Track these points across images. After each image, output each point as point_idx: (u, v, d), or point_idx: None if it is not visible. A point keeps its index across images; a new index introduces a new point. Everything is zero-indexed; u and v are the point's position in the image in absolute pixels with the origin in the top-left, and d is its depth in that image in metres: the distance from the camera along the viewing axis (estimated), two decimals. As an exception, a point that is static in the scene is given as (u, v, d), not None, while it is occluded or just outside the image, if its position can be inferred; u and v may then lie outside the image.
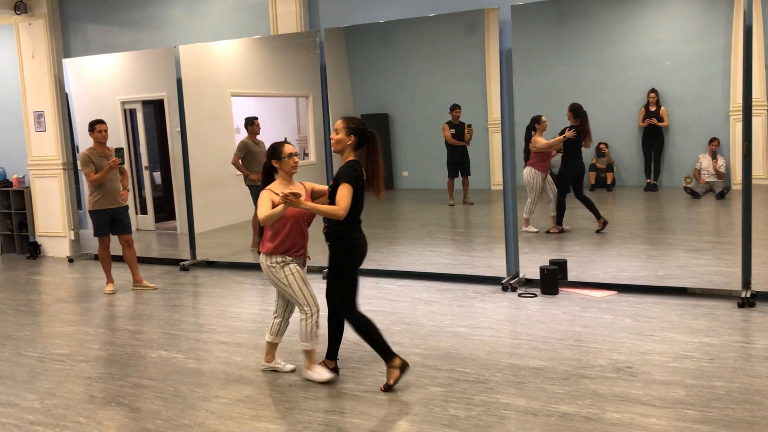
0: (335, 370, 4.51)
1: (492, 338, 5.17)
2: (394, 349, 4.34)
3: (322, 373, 4.43)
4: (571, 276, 6.47)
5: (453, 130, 7.28)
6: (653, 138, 6.70)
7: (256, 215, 7.87)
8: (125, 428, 3.95)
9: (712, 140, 6.39)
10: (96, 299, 7.04)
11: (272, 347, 4.67)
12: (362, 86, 7.77)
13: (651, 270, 6.38)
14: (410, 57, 7.46)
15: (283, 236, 4.37)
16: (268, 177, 4.49)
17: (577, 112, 6.60)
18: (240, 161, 7.85)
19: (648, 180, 6.81)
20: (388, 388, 4.23)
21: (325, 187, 4.51)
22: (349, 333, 5.42)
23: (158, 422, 3.99)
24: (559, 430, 3.65)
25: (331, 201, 4.19)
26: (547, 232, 6.98)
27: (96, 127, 7.06)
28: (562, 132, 6.68)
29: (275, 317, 4.64)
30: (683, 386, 4.13)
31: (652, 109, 6.58)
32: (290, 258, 4.40)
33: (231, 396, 4.34)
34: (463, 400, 4.07)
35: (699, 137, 6.50)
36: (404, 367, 4.25)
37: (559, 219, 6.97)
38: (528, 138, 6.80)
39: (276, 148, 4.44)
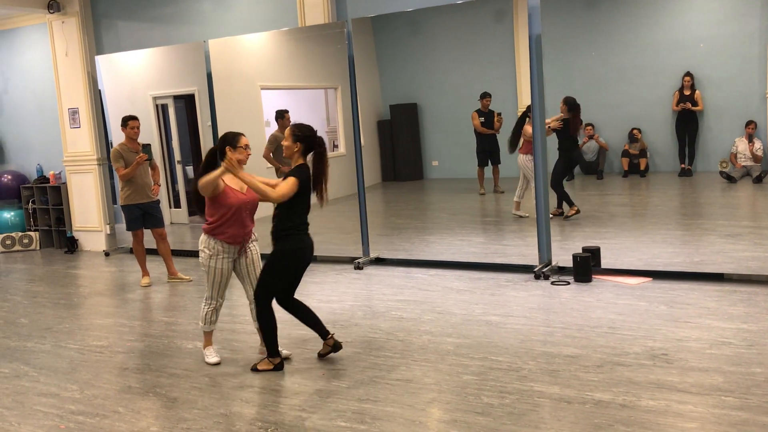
0: (337, 345, 4.67)
1: (525, 326, 5.14)
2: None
3: (211, 356, 4.80)
4: (605, 263, 6.40)
5: (482, 119, 7.23)
6: (687, 122, 6.59)
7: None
8: (162, 418, 4.02)
9: (749, 123, 6.27)
10: (132, 292, 7.16)
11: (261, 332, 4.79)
12: (390, 76, 7.75)
13: (686, 256, 6.29)
14: (438, 45, 7.42)
15: (223, 221, 4.54)
16: (213, 163, 4.59)
17: (571, 105, 6.66)
18: (271, 154, 7.91)
19: (682, 165, 6.70)
20: (253, 370, 4.56)
21: (275, 181, 4.62)
22: (381, 322, 5.45)
23: (195, 411, 4.05)
24: (594, 417, 3.63)
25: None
26: (566, 217, 6.90)
27: (129, 123, 7.17)
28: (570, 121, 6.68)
29: (251, 304, 4.79)
30: (721, 373, 4.07)
31: (687, 92, 6.46)
32: (222, 247, 4.57)
33: (266, 386, 4.38)
34: (496, 389, 4.06)
35: (735, 120, 6.37)
36: (280, 367, 4.55)
37: (568, 202, 6.91)
38: (521, 125, 6.78)
39: (233, 137, 4.59)
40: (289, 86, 8.57)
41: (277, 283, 4.53)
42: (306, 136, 4.45)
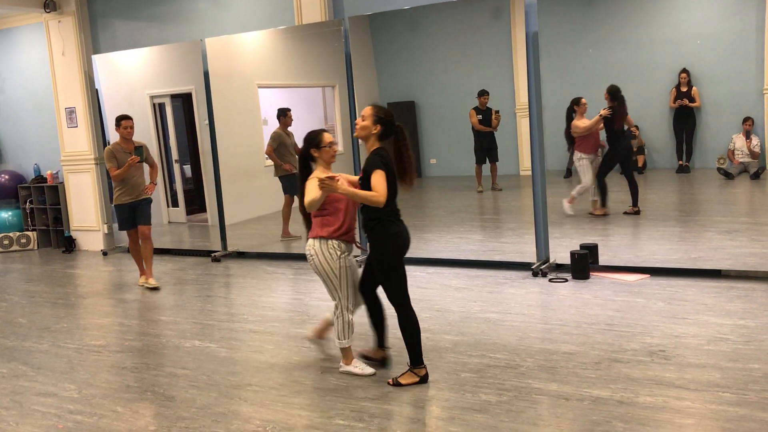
0: (384, 360, 4.41)
1: (523, 324, 5.15)
2: (421, 336, 4.33)
3: (363, 368, 4.37)
4: (603, 260, 6.40)
5: (480, 116, 7.23)
6: (685, 119, 6.59)
7: (285, 205, 8.00)
8: (161, 417, 4.02)
9: (746, 119, 6.27)
10: (130, 291, 7.16)
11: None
12: (388, 74, 7.75)
13: (684, 253, 6.29)
14: (435, 43, 7.42)
15: (341, 219, 4.23)
16: (305, 166, 4.34)
17: (614, 94, 6.48)
18: (274, 152, 7.91)
19: (680, 162, 6.70)
20: (395, 384, 4.18)
21: (354, 177, 4.39)
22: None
23: (193, 410, 4.05)
24: (592, 414, 3.63)
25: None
26: (590, 213, 6.88)
27: (122, 123, 7.05)
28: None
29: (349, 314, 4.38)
30: (718, 369, 4.07)
31: (684, 89, 6.46)
32: (345, 246, 4.26)
33: (264, 384, 4.38)
34: (494, 386, 4.07)
35: (732, 117, 6.37)
36: (424, 379, 4.19)
37: (602, 201, 6.84)
38: (569, 120, 6.72)
39: (315, 137, 4.31)
40: (286, 84, 8.56)
41: (399, 274, 4.13)
42: (388, 120, 4.14)
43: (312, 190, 4.13)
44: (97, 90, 9.26)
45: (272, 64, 8.43)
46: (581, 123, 6.69)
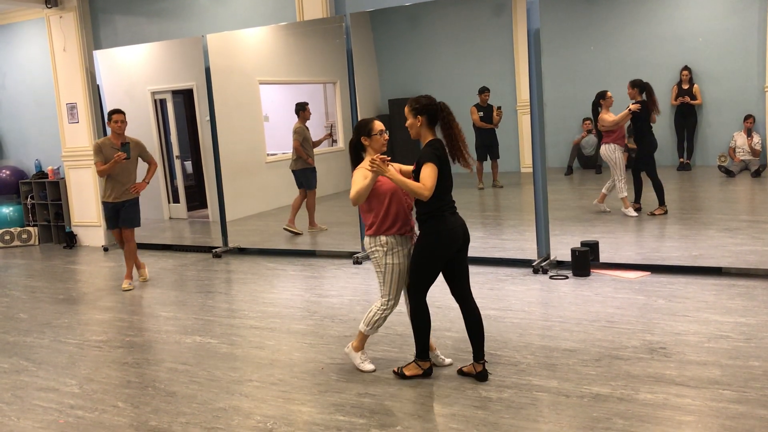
0: (481, 375, 4.13)
1: (523, 320, 5.15)
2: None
3: (364, 363, 4.38)
4: (603, 257, 6.40)
5: (481, 113, 7.23)
6: (686, 116, 6.58)
7: (299, 197, 7.97)
8: (162, 412, 4.03)
9: (747, 117, 6.26)
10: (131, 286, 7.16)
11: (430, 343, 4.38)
12: (389, 70, 7.74)
13: (685, 250, 6.29)
14: (437, 40, 7.41)
15: (383, 214, 4.13)
16: (357, 155, 4.25)
17: (641, 87, 6.40)
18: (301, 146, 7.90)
19: (681, 159, 6.70)
20: (400, 375, 4.21)
21: (406, 168, 4.29)
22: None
23: (194, 406, 4.06)
24: (592, 411, 3.64)
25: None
26: (651, 213, 6.79)
27: (113, 117, 6.86)
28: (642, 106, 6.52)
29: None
30: (719, 366, 4.08)
31: (685, 87, 6.46)
32: (395, 240, 4.14)
33: (264, 379, 4.39)
34: (494, 383, 4.07)
35: (733, 114, 6.37)
36: (428, 372, 4.21)
37: (637, 197, 6.74)
38: (596, 115, 6.69)
39: (366, 125, 4.19)
40: (287, 81, 8.56)
41: (428, 272, 4.06)
42: (426, 105, 4.00)
43: (359, 181, 4.06)
44: (98, 86, 9.26)
45: (273, 61, 8.43)
46: (609, 117, 6.62)
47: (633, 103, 6.44)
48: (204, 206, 9.10)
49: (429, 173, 3.90)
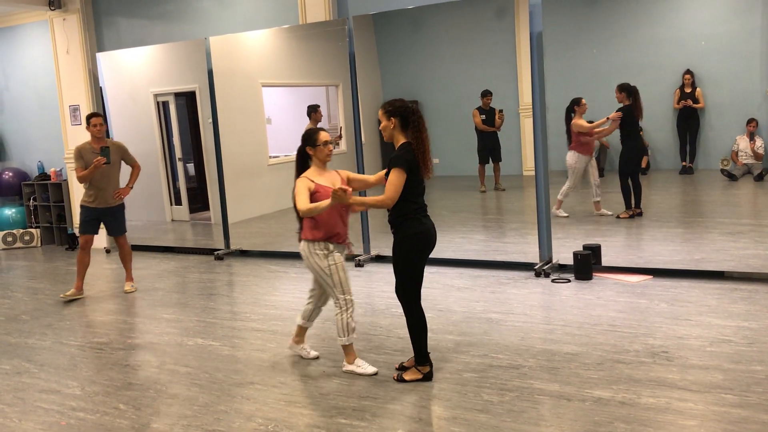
0: (429, 375, 4.22)
1: (525, 324, 5.14)
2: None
3: (365, 367, 4.38)
4: (605, 261, 6.40)
5: (483, 116, 7.23)
6: (689, 120, 6.58)
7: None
8: (163, 414, 4.03)
9: (750, 121, 6.26)
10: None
11: (302, 330, 4.71)
12: (392, 73, 7.75)
13: (687, 254, 6.29)
14: (440, 42, 7.42)
15: (323, 224, 4.28)
16: (303, 164, 4.40)
17: (628, 91, 6.44)
18: None
19: (683, 163, 6.69)
20: (400, 380, 4.21)
21: (361, 176, 4.45)
22: (381, 319, 5.45)
23: (195, 408, 4.06)
24: (594, 415, 3.63)
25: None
26: (617, 216, 6.81)
27: (91, 120, 6.66)
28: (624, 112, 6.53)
29: (309, 303, 4.65)
30: (721, 371, 4.07)
31: (687, 90, 6.45)
32: (332, 246, 4.32)
33: (266, 382, 4.39)
34: (496, 386, 4.07)
35: (736, 118, 6.36)
36: (428, 377, 4.20)
37: (627, 203, 6.78)
38: (568, 120, 6.71)
39: (311, 136, 4.35)
40: (290, 83, 8.57)
41: (413, 273, 4.10)
42: (398, 108, 4.06)
43: (302, 191, 4.20)
44: (101, 88, 9.28)
45: (276, 63, 8.44)
46: (582, 122, 6.68)
47: (615, 113, 6.50)
48: (206, 208, 9.10)
49: (393, 180, 3.97)
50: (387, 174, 4.06)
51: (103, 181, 6.70)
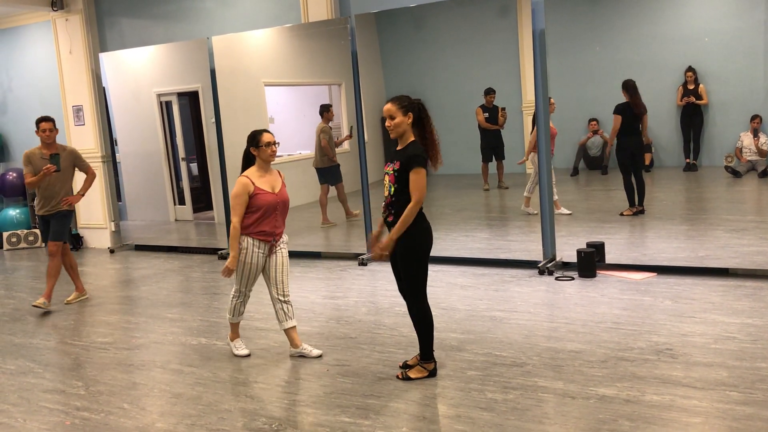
0: (434, 372, 4.22)
1: (529, 322, 5.14)
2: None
3: (240, 349, 4.84)
4: (609, 258, 6.39)
5: (486, 114, 7.22)
6: (692, 117, 6.57)
7: (322, 194, 8.06)
8: (167, 414, 4.03)
9: (754, 117, 6.24)
10: (137, 289, 7.18)
11: (292, 330, 4.77)
12: (394, 72, 7.75)
13: (691, 251, 6.27)
14: (442, 41, 7.41)
15: (255, 221, 4.54)
16: (247, 163, 4.67)
17: (630, 87, 6.42)
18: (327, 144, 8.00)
19: (687, 160, 6.68)
20: (405, 378, 4.21)
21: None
22: (385, 318, 5.45)
23: (199, 407, 4.06)
24: (598, 412, 3.62)
25: (399, 184, 4.00)
26: (621, 214, 6.80)
27: (40, 125, 6.33)
28: (618, 109, 6.53)
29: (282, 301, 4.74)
30: (725, 368, 4.06)
31: (690, 87, 6.44)
32: (254, 244, 4.54)
33: (270, 381, 4.39)
34: (500, 384, 4.06)
35: (740, 115, 6.35)
36: (433, 373, 4.21)
37: (630, 200, 6.77)
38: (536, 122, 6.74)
39: (255, 137, 4.60)
40: (292, 83, 8.57)
41: (423, 271, 4.10)
42: (412, 103, 4.02)
43: (239, 192, 4.50)
44: (104, 88, 9.29)
45: (279, 62, 8.44)
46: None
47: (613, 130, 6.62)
48: (209, 208, 9.11)
49: (419, 180, 3.96)
50: (397, 171, 4.00)
51: (51, 189, 6.37)
